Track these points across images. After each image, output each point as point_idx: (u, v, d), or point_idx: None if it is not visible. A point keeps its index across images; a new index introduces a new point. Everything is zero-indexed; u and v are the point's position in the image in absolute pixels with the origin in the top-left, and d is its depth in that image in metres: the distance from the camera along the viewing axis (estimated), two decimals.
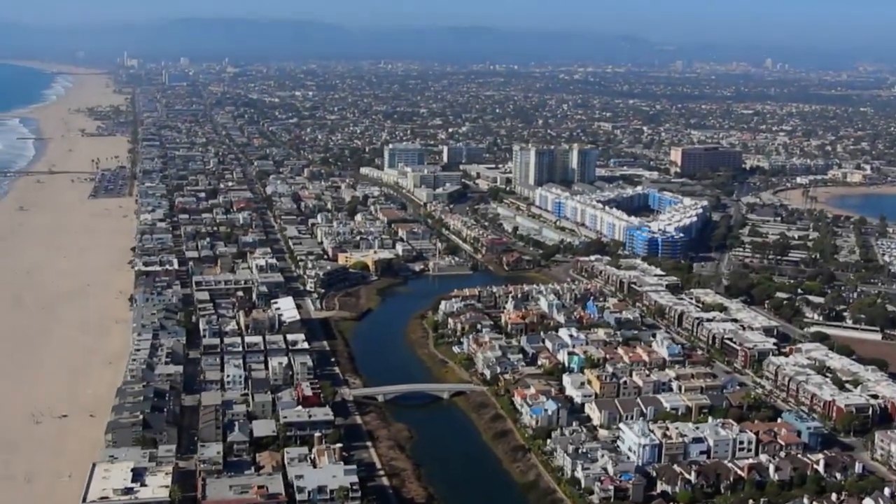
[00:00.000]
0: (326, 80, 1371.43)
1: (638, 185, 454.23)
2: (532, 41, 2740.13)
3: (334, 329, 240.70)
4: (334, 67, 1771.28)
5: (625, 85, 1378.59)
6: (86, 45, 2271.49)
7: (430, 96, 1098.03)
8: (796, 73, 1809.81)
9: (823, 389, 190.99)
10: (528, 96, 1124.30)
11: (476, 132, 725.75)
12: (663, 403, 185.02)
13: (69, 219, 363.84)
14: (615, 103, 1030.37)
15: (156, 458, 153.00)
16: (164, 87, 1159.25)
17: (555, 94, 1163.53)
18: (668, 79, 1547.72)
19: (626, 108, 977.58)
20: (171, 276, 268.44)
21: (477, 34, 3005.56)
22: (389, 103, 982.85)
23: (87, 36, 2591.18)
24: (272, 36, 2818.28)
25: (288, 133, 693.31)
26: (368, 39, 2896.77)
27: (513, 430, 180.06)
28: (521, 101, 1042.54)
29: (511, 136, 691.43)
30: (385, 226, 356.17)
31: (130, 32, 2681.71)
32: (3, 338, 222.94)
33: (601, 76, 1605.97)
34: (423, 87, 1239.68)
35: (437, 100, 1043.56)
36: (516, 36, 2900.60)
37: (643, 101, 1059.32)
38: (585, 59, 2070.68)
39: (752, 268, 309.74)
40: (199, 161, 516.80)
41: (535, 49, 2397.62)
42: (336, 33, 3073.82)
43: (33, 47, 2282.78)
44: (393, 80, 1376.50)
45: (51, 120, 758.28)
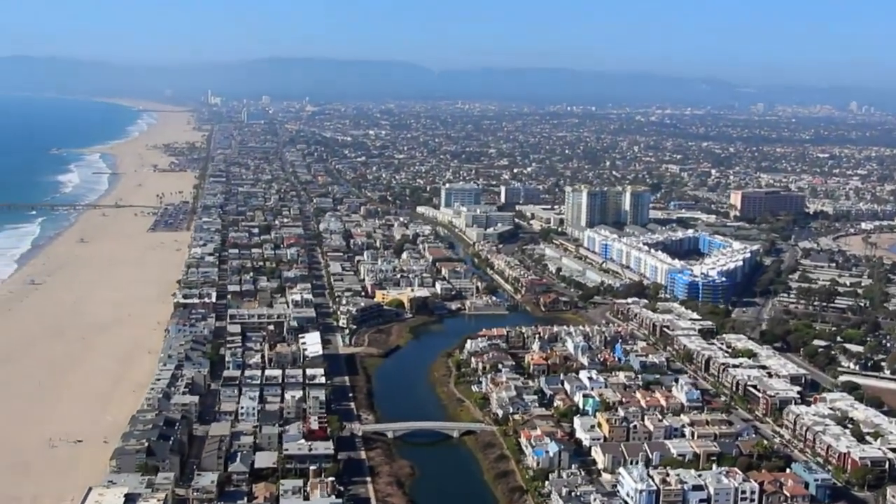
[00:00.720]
0: (401, 119, 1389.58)
1: (693, 228, 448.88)
2: (612, 83, 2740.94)
3: (358, 365, 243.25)
4: (412, 107, 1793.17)
5: (700, 127, 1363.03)
6: (175, 83, 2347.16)
7: (502, 136, 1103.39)
8: (882, 117, 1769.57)
9: (841, 441, 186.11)
10: (601, 138, 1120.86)
11: (541, 173, 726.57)
12: (670, 449, 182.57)
13: (124, 251, 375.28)
14: (688, 145, 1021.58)
15: (153, 485, 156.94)
16: (242, 125, 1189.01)
17: (628, 135, 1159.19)
18: (746, 121, 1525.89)
19: (697, 150, 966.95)
20: (208, 309, 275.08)
21: (558, 75, 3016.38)
22: (459, 143, 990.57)
23: (176, 75, 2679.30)
24: (354, 75, 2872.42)
25: (353, 171, 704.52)
26: (448, 79, 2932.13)
27: (515, 470, 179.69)
28: (592, 143, 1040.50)
29: (575, 178, 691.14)
30: (429, 264, 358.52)
31: (217, 71, 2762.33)
32: (38, 364, 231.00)
33: (678, 118, 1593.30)
34: (496, 128, 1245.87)
35: (508, 140, 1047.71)
36: (596, 77, 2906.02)
37: (717, 144, 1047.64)
38: (664, 102, 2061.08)
39: (795, 314, 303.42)
40: (261, 197, 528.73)
41: (614, 91, 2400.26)
42: (417, 73, 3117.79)
43: (125, 86, 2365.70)
44: (467, 121, 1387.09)
45: (128, 155, 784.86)
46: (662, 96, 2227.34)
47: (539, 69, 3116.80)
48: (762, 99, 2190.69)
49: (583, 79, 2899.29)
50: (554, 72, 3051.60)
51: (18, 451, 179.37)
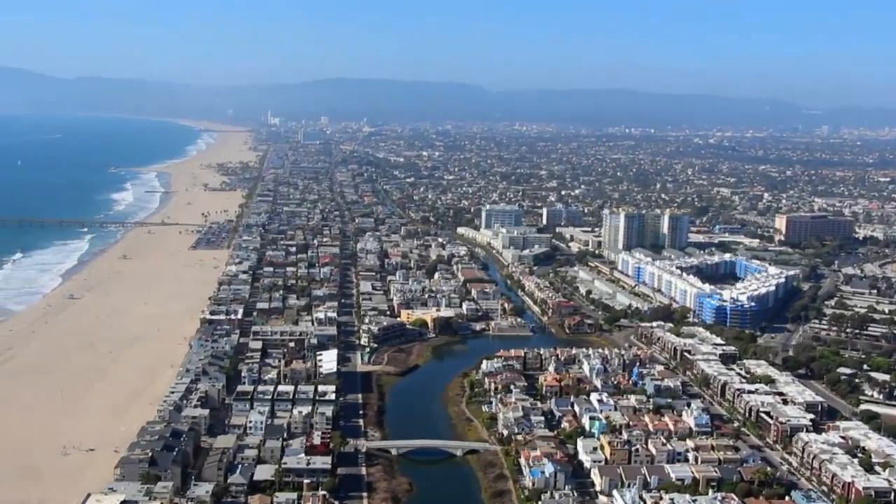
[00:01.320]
0: (456, 140, 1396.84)
1: (733, 252, 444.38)
2: (672, 105, 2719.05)
3: (374, 383, 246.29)
4: (468, 128, 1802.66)
5: (760, 150, 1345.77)
6: (236, 104, 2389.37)
7: (555, 158, 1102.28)
8: None
9: (847, 470, 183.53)
10: (656, 160, 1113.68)
11: (588, 195, 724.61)
12: (669, 473, 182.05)
13: (163, 268, 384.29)
14: (744, 168, 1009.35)
15: (151, 493, 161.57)
16: (298, 145, 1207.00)
17: (683, 158, 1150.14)
18: (808, 144, 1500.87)
19: (753, 173, 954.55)
20: (233, 325, 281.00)
21: (618, 97, 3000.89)
22: (511, 164, 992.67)
23: (238, 96, 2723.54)
24: (413, 96, 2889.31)
25: (400, 192, 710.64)
26: (507, 101, 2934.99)
27: (511, 490, 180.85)
28: (646, 165, 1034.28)
29: (623, 200, 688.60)
30: (459, 285, 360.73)
31: (279, 92, 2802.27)
32: (64, 374, 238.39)
33: (737, 141, 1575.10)
34: (551, 149, 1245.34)
35: (561, 162, 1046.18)
36: (658, 99, 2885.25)
37: (774, 167, 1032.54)
38: (725, 124, 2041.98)
39: (824, 341, 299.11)
40: (304, 217, 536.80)
41: (674, 113, 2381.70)
42: (476, 94, 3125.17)
43: (189, 106, 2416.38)
44: (522, 142, 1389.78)
45: (182, 174, 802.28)
46: (724, 118, 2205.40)
47: (599, 90, 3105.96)
48: (828, 121, 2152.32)
49: (644, 100, 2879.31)
50: (614, 93, 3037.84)
51: (32, 457, 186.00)
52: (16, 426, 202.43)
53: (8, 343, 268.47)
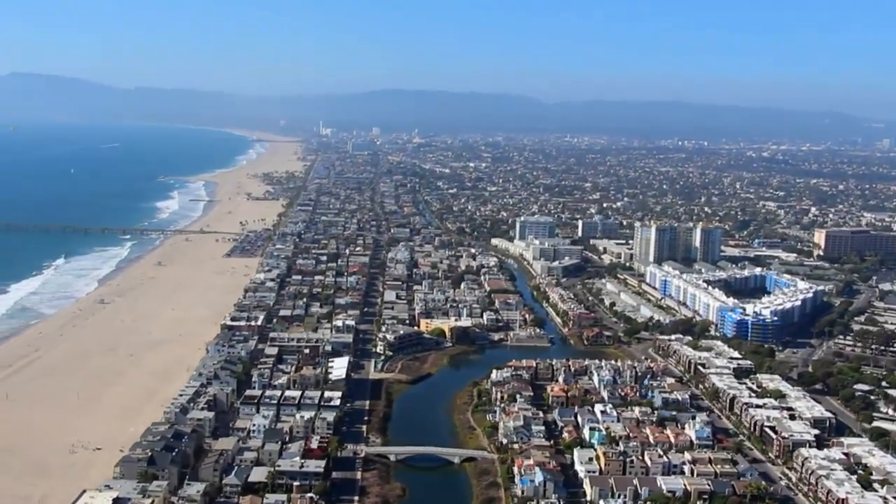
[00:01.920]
0: (505, 151, 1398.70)
1: (767, 266, 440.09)
2: (730, 117, 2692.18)
3: (383, 390, 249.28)
4: (520, 139, 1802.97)
5: (814, 164, 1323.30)
6: (290, 114, 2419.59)
7: (602, 170, 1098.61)
8: None
9: (843, 486, 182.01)
10: (705, 173, 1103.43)
11: (629, 208, 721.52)
12: (661, 485, 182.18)
13: (195, 275, 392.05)
14: (794, 182, 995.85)
15: (146, 492, 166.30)
16: (346, 156, 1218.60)
17: (734, 171, 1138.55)
18: (865, 158, 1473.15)
19: (805, 187, 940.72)
20: (252, 331, 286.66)
21: (673, 109, 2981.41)
22: (557, 176, 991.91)
23: (292, 106, 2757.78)
24: (467, 107, 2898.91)
25: (441, 202, 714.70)
26: (562, 113, 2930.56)
27: (501, 498, 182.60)
28: (693, 178, 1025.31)
29: (664, 213, 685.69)
30: (484, 295, 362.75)
31: (333, 103, 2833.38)
32: (83, 376, 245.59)
33: (792, 154, 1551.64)
34: (599, 161, 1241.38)
35: (608, 174, 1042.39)
36: (714, 111, 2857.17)
37: (826, 181, 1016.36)
38: (782, 137, 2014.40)
39: (847, 357, 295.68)
40: (340, 226, 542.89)
41: (731, 125, 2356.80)
42: (529, 106, 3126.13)
43: (243, 116, 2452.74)
44: (571, 154, 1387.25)
45: (228, 183, 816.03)
46: (781, 131, 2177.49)
47: (655, 102, 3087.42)
48: (890, 134, 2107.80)
49: (700, 112, 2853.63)
50: (669, 105, 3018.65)
51: (41, 454, 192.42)
52: (30, 424, 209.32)
53: (36, 345, 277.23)
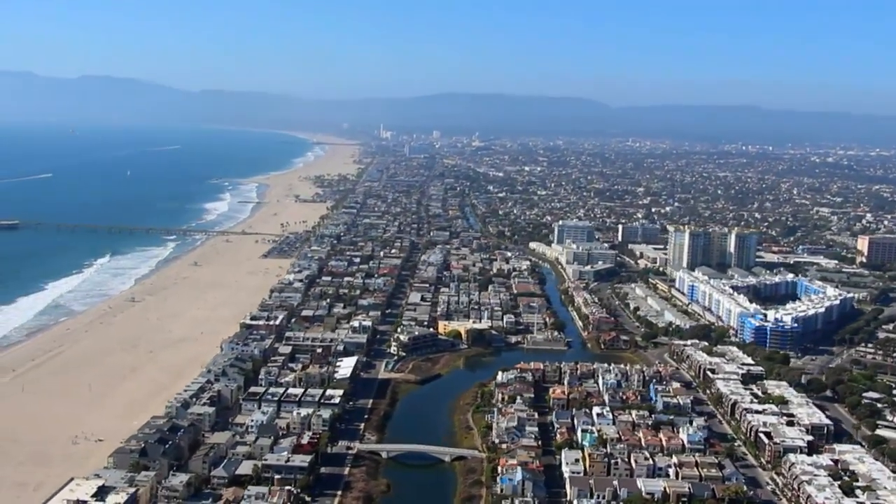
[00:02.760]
0: (563, 156, 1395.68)
1: (802, 273, 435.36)
2: (799, 121, 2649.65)
3: (389, 390, 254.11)
4: (580, 144, 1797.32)
5: (879, 169, 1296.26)
6: (353, 117, 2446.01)
7: (659, 175, 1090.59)
8: None
9: (823, 492, 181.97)
10: (763, 178, 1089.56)
11: (677, 213, 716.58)
12: (641, 487, 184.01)
13: (227, 275, 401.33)
14: (855, 188, 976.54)
15: (133, 481, 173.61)
16: (402, 159, 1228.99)
17: (794, 176, 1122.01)
18: None
19: (865, 193, 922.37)
20: (269, 331, 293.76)
21: (742, 113, 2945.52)
22: (611, 181, 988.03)
23: (355, 109, 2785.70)
24: (531, 111, 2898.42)
25: (487, 206, 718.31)
26: (627, 117, 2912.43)
27: (482, 496, 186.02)
28: (750, 184, 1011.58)
29: (712, 218, 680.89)
30: (508, 298, 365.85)
31: (396, 106, 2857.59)
32: (100, 372, 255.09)
33: (858, 160, 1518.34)
34: (657, 166, 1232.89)
35: (664, 179, 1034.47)
36: (785, 116, 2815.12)
37: (889, 187, 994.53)
38: (852, 142, 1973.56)
39: (865, 364, 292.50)
40: (381, 229, 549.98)
41: (799, 129, 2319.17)
42: (594, 110, 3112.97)
43: (306, 119, 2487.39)
44: (630, 158, 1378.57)
45: (279, 186, 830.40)
46: (852, 136, 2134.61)
47: (722, 106, 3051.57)
48: None
49: (770, 117, 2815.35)
50: (739, 109, 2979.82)
51: (45, 445, 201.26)
52: (40, 416, 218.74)
53: (61, 340, 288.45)
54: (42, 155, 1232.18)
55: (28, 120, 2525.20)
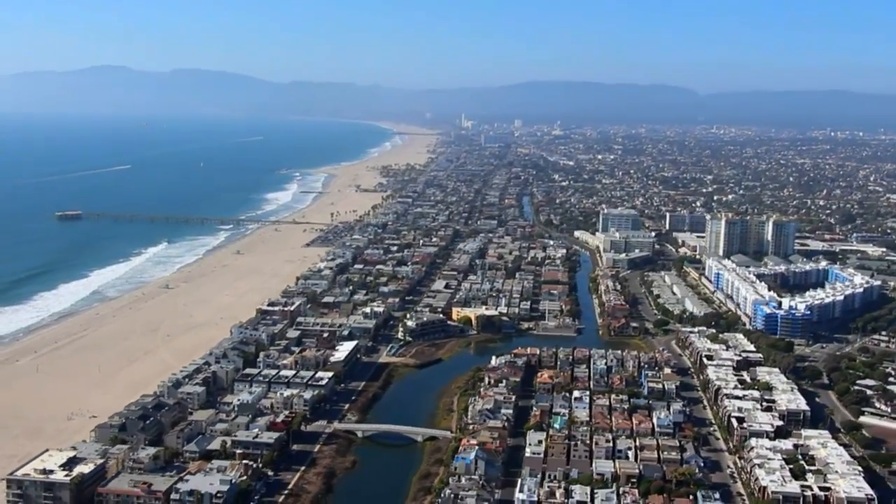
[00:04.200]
0: (640, 144, 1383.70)
1: (840, 261, 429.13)
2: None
3: (385, 373, 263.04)
4: (662, 132, 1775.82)
5: None
6: (438, 107, 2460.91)
7: (735, 163, 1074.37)
8: None
9: (773, 475, 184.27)
10: (843, 165, 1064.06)
11: (740, 201, 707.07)
12: (593, 468, 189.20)
13: (266, 263, 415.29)
14: None
15: (106, 454, 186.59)
16: (476, 148, 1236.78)
17: (877, 163, 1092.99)
18: None
19: None
20: (283, 316, 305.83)
21: (834, 98, 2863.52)
22: (681, 169, 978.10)
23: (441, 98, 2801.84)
24: (618, 99, 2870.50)
25: (546, 195, 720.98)
26: (716, 104, 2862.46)
27: (438, 474, 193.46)
28: (828, 171, 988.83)
29: (773, 206, 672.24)
30: (532, 286, 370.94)
31: (482, 95, 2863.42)
32: (114, 353, 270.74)
33: None
34: (735, 154, 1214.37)
35: (738, 167, 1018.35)
36: (881, 101, 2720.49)
37: None
38: None
39: (873, 352, 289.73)
40: (430, 218, 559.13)
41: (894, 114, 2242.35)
42: (682, 97, 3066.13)
43: (392, 109, 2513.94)
44: (709, 146, 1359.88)
45: (345, 176, 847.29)
46: None
47: (815, 92, 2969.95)
48: None
49: (863, 102, 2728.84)
50: (830, 94, 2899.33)
51: (41, 421, 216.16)
52: (46, 394, 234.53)
53: (87, 324, 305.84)
54: (125, 147, 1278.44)
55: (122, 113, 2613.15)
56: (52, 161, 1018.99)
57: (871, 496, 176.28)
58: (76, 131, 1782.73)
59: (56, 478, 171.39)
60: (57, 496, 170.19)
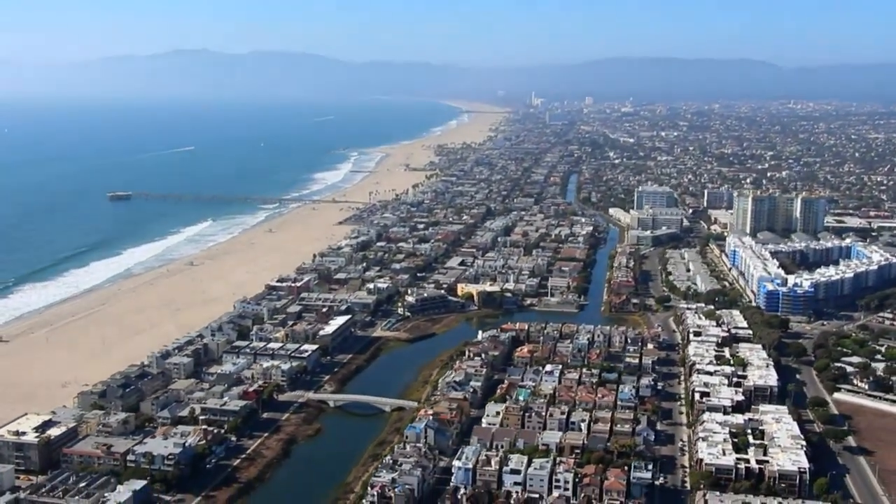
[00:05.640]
0: (708, 120, 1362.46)
1: (875, 238, 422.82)
2: None
3: (375, 347, 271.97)
4: (736, 107, 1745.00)
5: None
6: (511, 85, 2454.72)
7: (803, 139, 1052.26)
8: None
9: (714, 448, 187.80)
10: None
11: (794, 177, 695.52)
12: (539, 438, 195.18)
13: (293, 241, 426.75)
14: None
15: (81, 418, 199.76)
16: (539, 126, 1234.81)
17: None
18: None
19: None
20: (290, 292, 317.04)
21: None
22: (744, 145, 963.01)
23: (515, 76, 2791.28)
24: (696, 75, 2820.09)
25: (594, 172, 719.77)
26: (799, 78, 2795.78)
27: (393, 441, 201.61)
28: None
29: (826, 182, 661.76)
30: (545, 263, 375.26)
31: (555, 73, 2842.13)
32: (122, 326, 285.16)
33: None
34: (805, 129, 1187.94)
35: (804, 142, 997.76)
36: None
37: None
38: None
39: (872, 330, 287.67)
40: (468, 196, 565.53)
41: None
42: (765, 71, 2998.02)
43: (465, 88, 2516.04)
44: (779, 121, 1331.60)
45: (399, 154, 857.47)
46: None
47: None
48: None
49: None
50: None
51: (37, 388, 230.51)
52: (48, 363, 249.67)
53: (106, 300, 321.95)
54: (193, 130, 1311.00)
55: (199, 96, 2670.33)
56: (122, 144, 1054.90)
57: (803, 469, 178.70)
58: (152, 114, 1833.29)
59: (27, 439, 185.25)
60: (26, 455, 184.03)
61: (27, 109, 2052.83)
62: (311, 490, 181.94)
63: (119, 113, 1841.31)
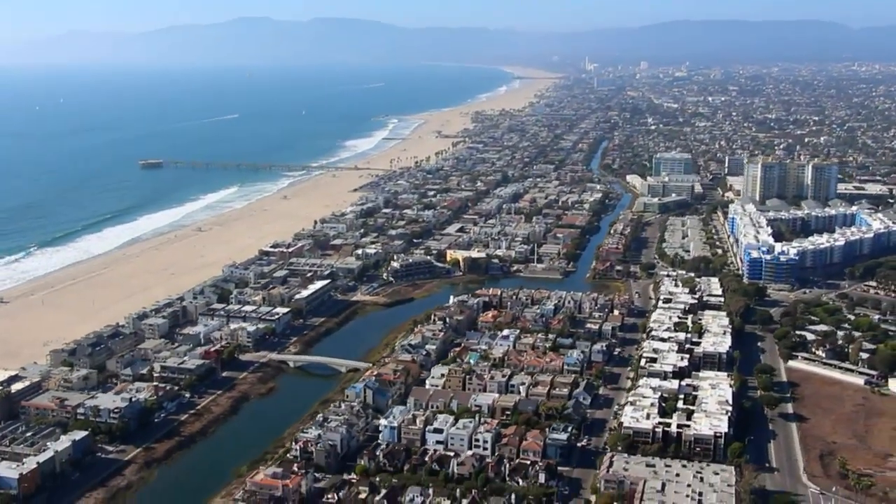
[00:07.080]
0: (760, 84, 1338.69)
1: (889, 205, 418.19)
2: None
3: (349, 311, 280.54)
4: (796, 71, 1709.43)
5: None
6: (567, 49, 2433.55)
7: (857, 103, 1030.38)
8: None
9: (638, 412, 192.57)
10: None
11: (831, 143, 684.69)
12: (473, 400, 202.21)
13: (304, 208, 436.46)
14: None
15: (47, 375, 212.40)
16: (585, 91, 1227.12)
17: None
18: None
19: None
20: (281, 257, 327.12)
21: None
22: (791, 110, 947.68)
23: (572, 41, 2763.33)
24: (761, 37, 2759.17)
25: (625, 139, 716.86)
26: (867, 38, 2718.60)
27: (336, 400, 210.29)
28: None
29: (864, 149, 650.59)
30: (542, 230, 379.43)
31: (616, 37, 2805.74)
32: (116, 289, 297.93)
33: None
34: (861, 93, 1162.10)
35: (858, 106, 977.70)
36: None
37: None
38: None
39: (851, 298, 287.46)
40: (490, 163, 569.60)
41: None
42: (834, 32, 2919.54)
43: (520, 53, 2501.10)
44: (837, 85, 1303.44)
45: (435, 122, 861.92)
46: None
47: None
48: None
49: None
50: None
51: (20, 346, 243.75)
52: (37, 323, 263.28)
53: (108, 264, 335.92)
54: (241, 96, 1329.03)
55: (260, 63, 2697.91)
56: (168, 112, 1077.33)
57: (719, 434, 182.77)
58: (207, 83, 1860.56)
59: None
60: None
61: (91, 78, 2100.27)
62: (248, 444, 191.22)
63: (175, 82, 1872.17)
